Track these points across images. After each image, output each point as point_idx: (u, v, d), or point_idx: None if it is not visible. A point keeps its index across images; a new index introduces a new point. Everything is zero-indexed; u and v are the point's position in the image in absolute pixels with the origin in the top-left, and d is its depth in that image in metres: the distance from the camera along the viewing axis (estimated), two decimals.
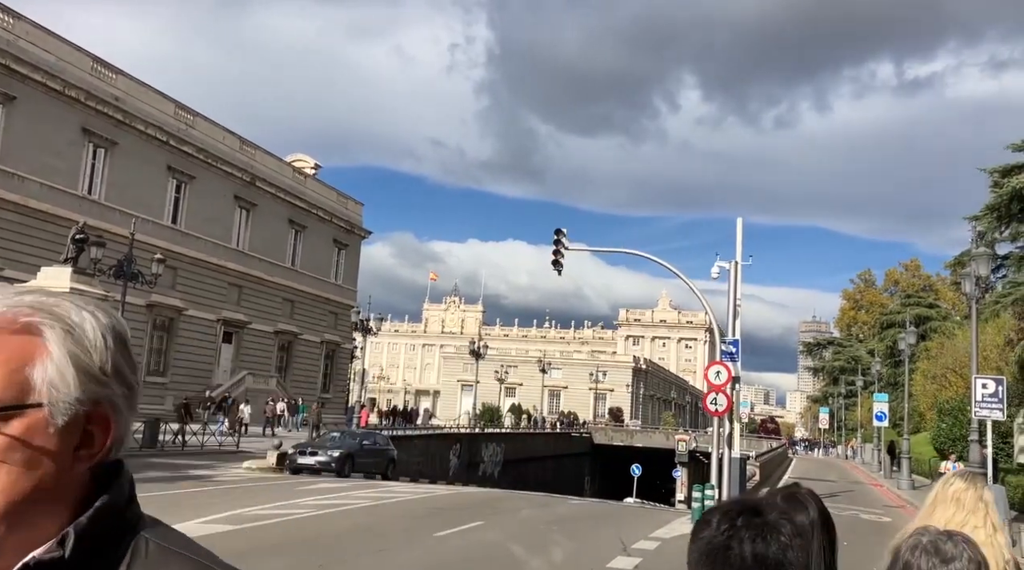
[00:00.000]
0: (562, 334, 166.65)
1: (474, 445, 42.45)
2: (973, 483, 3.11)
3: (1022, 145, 21.72)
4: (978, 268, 19.68)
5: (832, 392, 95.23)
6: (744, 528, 1.30)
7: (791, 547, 1.30)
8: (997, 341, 38.68)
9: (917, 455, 39.47)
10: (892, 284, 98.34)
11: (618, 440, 68.41)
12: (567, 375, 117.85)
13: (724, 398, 20.38)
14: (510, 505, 18.74)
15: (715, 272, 22.75)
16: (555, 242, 22.67)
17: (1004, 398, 18.95)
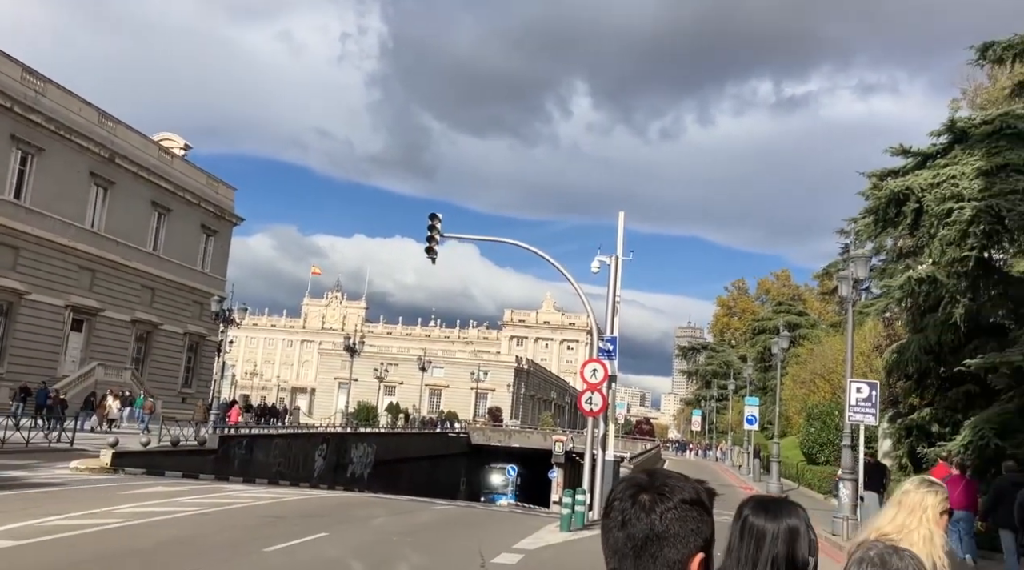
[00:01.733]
0: (447, 333, 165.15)
1: (343, 445, 40.29)
2: (919, 489, 3.35)
3: (900, 149, 21.74)
4: (856, 270, 19.43)
5: (705, 395, 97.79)
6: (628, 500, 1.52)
7: (664, 516, 1.49)
8: (863, 348, 39.71)
9: (785, 458, 40.08)
10: (764, 293, 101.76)
11: (496, 440, 67.39)
12: (449, 374, 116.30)
13: (600, 397, 19.37)
14: (365, 512, 17.05)
15: (595, 267, 21.79)
16: (430, 229, 21.14)
17: (877, 402, 18.72)
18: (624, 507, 1.54)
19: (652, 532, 1.49)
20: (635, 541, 1.50)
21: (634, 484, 1.57)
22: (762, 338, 70.97)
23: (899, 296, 21.55)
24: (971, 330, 23.03)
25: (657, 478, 1.58)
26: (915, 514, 3.27)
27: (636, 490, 1.55)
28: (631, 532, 1.50)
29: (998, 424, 18.79)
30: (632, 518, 1.51)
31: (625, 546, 1.51)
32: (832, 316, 69.58)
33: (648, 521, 1.50)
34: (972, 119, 20.70)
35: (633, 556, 1.51)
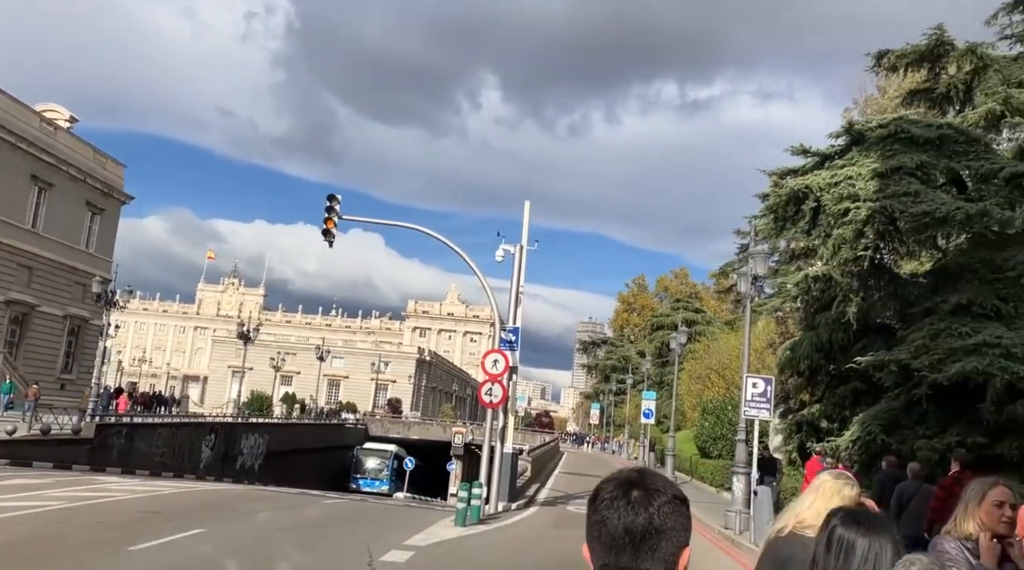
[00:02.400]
0: (348, 323, 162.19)
1: (232, 435, 38.65)
2: (837, 480, 3.50)
3: (800, 149, 22.15)
4: (755, 266, 19.64)
5: (604, 389, 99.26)
6: (620, 500, 1.59)
7: (661, 511, 1.58)
8: (757, 346, 40.75)
9: (680, 452, 40.78)
10: (663, 290, 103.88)
11: (394, 432, 66.39)
12: (349, 365, 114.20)
13: (500, 389, 18.96)
14: (249, 506, 16.08)
15: (500, 255, 21.35)
16: (327, 210, 20.21)
17: (772, 398, 18.98)
18: (619, 503, 1.60)
19: (651, 526, 1.58)
20: (634, 535, 1.57)
21: (625, 481, 1.65)
22: (660, 334, 72.35)
23: (795, 293, 21.98)
24: (860, 329, 23.74)
25: (647, 476, 1.67)
26: (832, 502, 3.31)
27: (628, 487, 1.63)
28: (630, 526, 1.58)
29: (885, 420, 19.34)
30: (630, 513, 1.59)
31: (623, 539, 1.59)
32: (727, 314, 71.57)
33: (647, 515, 1.58)
34: (869, 122, 21.26)
35: (632, 549, 1.58)
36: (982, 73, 25.74)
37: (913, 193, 18.70)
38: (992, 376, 16.49)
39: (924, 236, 19.11)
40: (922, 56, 25.15)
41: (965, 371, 16.66)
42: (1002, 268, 18.73)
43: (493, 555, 12.84)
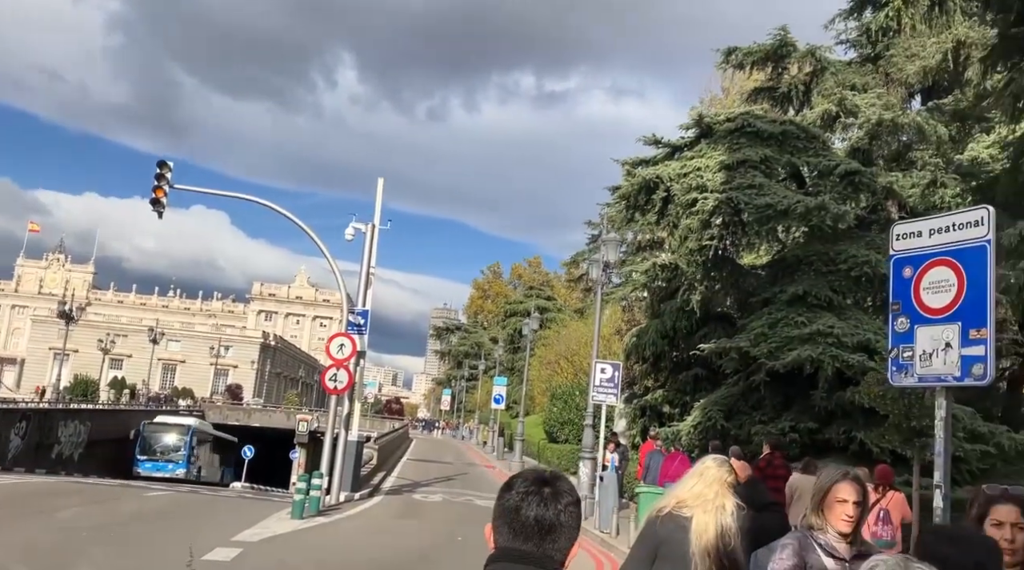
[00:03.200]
0: (188, 305, 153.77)
1: (47, 422, 35.35)
2: (721, 467, 3.67)
3: (652, 139, 22.43)
4: (607, 253, 19.69)
5: (456, 375, 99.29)
6: (534, 495, 1.86)
7: (567, 510, 1.86)
8: (604, 333, 41.55)
9: (528, 437, 41.06)
10: (516, 278, 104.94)
11: (234, 419, 63.36)
12: (187, 348, 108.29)
13: (346, 374, 18.04)
14: (53, 502, 14.38)
15: (350, 233, 20.35)
16: (157, 178, 18.46)
17: (619, 383, 19.11)
18: (533, 498, 1.86)
19: (557, 521, 1.85)
20: (543, 526, 1.84)
21: (539, 479, 1.91)
22: (513, 320, 72.94)
23: (643, 281, 22.33)
24: (703, 318, 24.46)
25: (557, 478, 1.94)
26: (713, 487, 3.55)
27: (541, 484, 1.90)
28: (540, 518, 1.85)
29: (724, 406, 19.93)
30: (542, 507, 1.85)
31: (533, 528, 1.85)
32: (577, 302, 73.06)
33: (555, 511, 1.86)
34: (717, 115, 21.80)
35: (538, 538, 1.85)
36: (820, 75, 27.06)
37: (757, 186, 19.28)
38: (824, 364, 17.25)
39: (766, 228, 19.76)
40: (767, 55, 26.14)
41: (800, 359, 17.35)
42: (835, 261, 19.66)
43: (329, 550, 12.02)
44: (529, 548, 1.84)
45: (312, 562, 10.99)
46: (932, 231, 5.14)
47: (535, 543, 1.84)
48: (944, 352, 4.83)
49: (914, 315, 5.11)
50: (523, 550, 1.84)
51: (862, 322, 18.71)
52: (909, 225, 5.46)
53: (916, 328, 5.08)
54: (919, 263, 5.17)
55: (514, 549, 1.85)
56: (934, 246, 5.10)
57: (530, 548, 1.84)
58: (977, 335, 4.66)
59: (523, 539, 1.84)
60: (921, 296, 5.06)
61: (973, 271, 4.83)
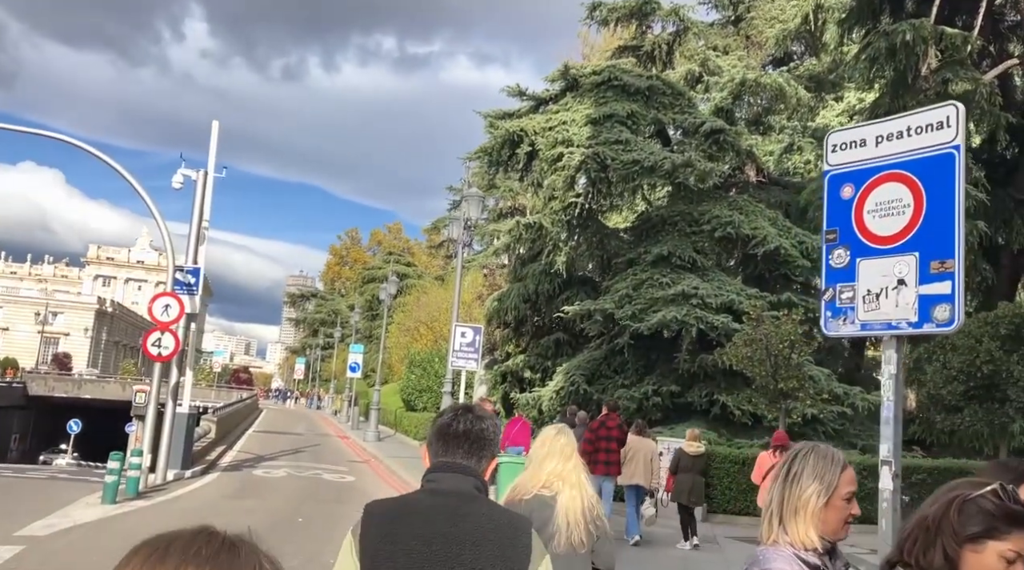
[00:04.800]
0: (14, 269, 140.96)
1: None
2: (568, 435, 3.62)
3: (517, 90, 21.29)
4: (469, 209, 18.42)
5: (311, 344, 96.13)
6: (462, 415, 2.30)
7: (488, 429, 2.30)
8: (465, 298, 40.53)
9: (385, 406, 39.60)
10: (376, 244, 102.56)
11: (61, 391, 58.13)
12: (10, 315, 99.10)
13: (172, 339, 15.96)
14: None
15: (178, 181, 18.06)
16: None
17: (480, 348, 17.98)
18: (462, 418, 2.30)
19: (483, 434, 2.28)
20: (470, 437, 2.27)
21: (463, 407, 2.39)
22: (371, 287, 70.83)
23: (506, 241, 21.26)
24: (565, 281, 23.78)
25: (473, 407, 2.42)
26: (570, 461, 3.50)
27: (467, 409, 2.37)
28: (468, 430, 2.27)
29: (587, 370, 19.28)
30: (469, 423, 2.28)
31: (462, 440, 2.26)
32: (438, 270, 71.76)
33: (481, 427, 2.28)
34: (584, 67, 20.90)
35: (466, 448, 2.26)
36: (683, 35, 26.72)
37: (624, 141, 18.55)
38: (690, 326, 16.81)
39: (632, 185, 19.12)
40: (631, 12, 25.53)
41: (665, 320, 16.84)
42: (699, 221, 19.30)
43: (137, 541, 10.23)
44: (460, 458, 2.24)
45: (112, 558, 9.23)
46: (880, 138, 4.13)
47: (464, 453, 2.25)
48: (896, 292, 3.86)
49: (856, 245, 4.09)
50: (454, 461, 2.24)
51: (725, 283, 18.45)
52: (850, 132, 4.42)
53: (858, 262, 4.07)
54: (862, 179, 4.15)
55: (446, 461, 2.25)
56: (883, 158, 4.11)
57: (461, 458, 2.24)
58: (940, 268, 3.69)
59: (454, 451, 2.26)
60: (865, 221, 4.06)
61: (936, 186, 3.85)
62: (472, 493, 2.17)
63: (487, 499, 2.25)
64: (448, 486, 2.16)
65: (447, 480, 2.18)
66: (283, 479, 19.18)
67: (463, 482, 2.18)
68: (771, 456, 10.87)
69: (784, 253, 18.83)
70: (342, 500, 16.34)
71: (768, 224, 19.40)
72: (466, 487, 2.17)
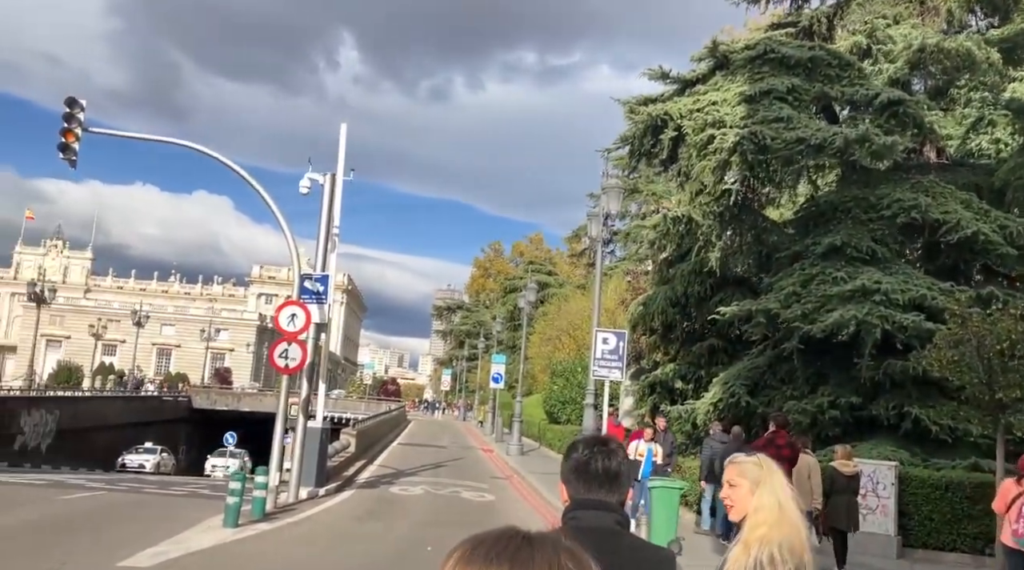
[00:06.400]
0: (188, 289, 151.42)
1: (6, 412, 32.74)
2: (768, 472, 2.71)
3: (660, 73, 19.41)
4: (609, 203, 16.73)
5: (458, 355, 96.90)
6: (598, 452, 2.25)
7: (623, 462, 2.28)
8: (607, 305, 38.72)
9: (528, 417, 38.36)
10: (518, 255, 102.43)
11: (222, 404, 60.72)
12: (181, 333, 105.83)
13: (299, 350, 15.20)
14: None
15: (305, 185, 17.45)
16: (66, 118, 15.50)
17: (624, 355, 16.22)
18: (599, 454, 2.26)
19: (620, 470, 2.25)
20: (609, 474, 2.23)
21: (598, 439, 2.36)
22: (513, 296, 70.14)
23: (652, 237, 19.35)
24: (718, 282, 21.56)
25: (610, 440, 2.39)
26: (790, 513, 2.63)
27: (602, 443, 2.33)
28: (607, 468, 2.23)
29: (749, 380, 17.07)
30: (607, 460, 2.24)
31: (602, 478, 2.23)
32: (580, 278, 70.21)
33: (617, 462, 2.25)
34: (735, 43, 18.74)
35: (607, 486, 2.23)
36: (845, 7, 23.94)
37: (784, 119, 16.31)
38: (872, 327, 14.35)
39: (795, 168, 16.81)
40: None
41: (843, 320, 14.45)
42: (876, 207, 16.72)
43: None
44: (602, 495, 2.22)
45: None
46: None
47: (606, 491, 2.22)
48: None
49: None
50: (594, 498, 2.22)
51: (912, 276, 15.79)
52: None
53: None
54: None
55: (587, 499, 2.23)
56: None
57: (603, 495, 2.22)
58: None
59: (595, 489, 2.22)
60: None
61: None
62: (615, 528, 2.20)
63: (631, 534, 2.29)
64: (591, 523, 2.17)
65: (589, 518, 2.19)
66: (419, 498, 18.12)
67: (605, 518, 2.20)
68: (1015, 485, 8.73)
69: (984, 240, 15.95)
70: (481, 523, 14.92)
71: (961, 207, 16.56)
72: (608, 523, 2.19)
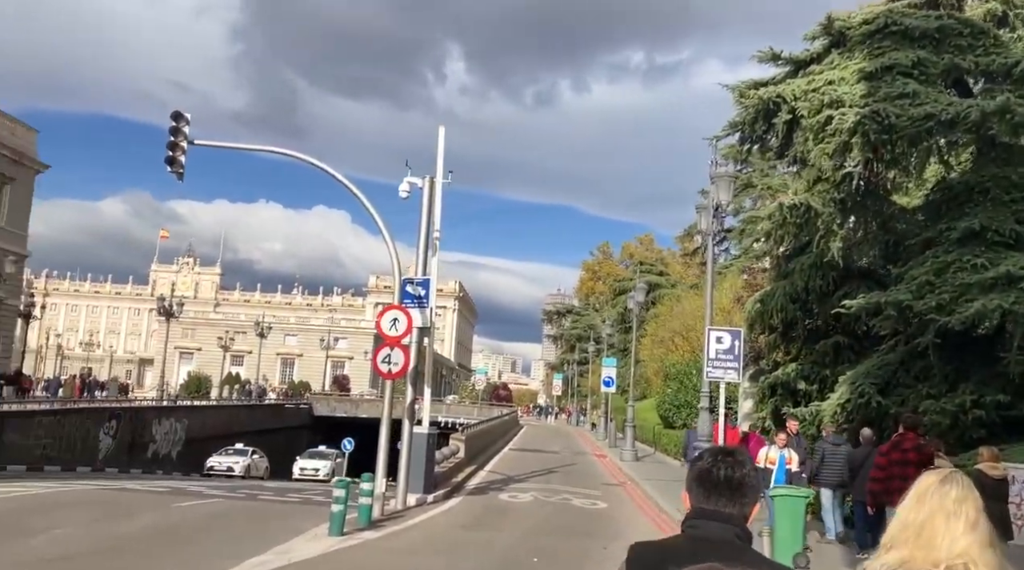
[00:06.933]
0: (309, 301, 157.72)
1: (140, 421, 34.41)
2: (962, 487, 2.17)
3: (770, 54, 18.30)
4: (719, 193, 15.81)
5: (569, 359, 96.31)
6: (721, 461, 2.15)
7: (749, 474, 2.16)
8: (723, 304, 37.25)
9: (642, 422, 37.37)
10: (628, 257, 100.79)
11: (341, 411, 62.30)
12: (303, 343, 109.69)
13: (401, 355, 15.02)
14: (45, 520, 11.93)
15: (404, 190, 17.34)
16: (172, 132, 15.95)
17: (740, 355, 15.25)
18: (723, 463, 2.16)
19: (745, 481, 2.14)
20: (731, 484, 2.12)
21: (722, 451, 2.25)
22: (623, 299, 68.86)
23: (767, 229, 18.22)
24: (842, 275, 20.17)
25: (734, 451, 2.27)
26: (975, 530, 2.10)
27: (725, 454, 2.21)
28: (729, 477, 2.13)
29: (879, 379, 15.75)
30: (731, 469, 2.14)
31: (724, 487, 2.13)
32: (693, 278, 68.28)
33: (742, 473, 2.15)
34: (852, 17, 17.42)
35: (728, 495, 2.12)
36: None
37: (910, 94, 14.98)
38: (1020, 317, 12.91)
39: (925, 146, 15.40)
40: None
41: (986, 311, 13.06)
42: (1020, 185, 15.13)
43: None
44: (720, 506, 2.11)
45: None
46: None
47: (727, 500, 2.11)
48: None
49: None
50: (715, 509, 2.12)
51: None
52: None
53: None
54: None
55: (707, 508, 2.13)
56: None
57: (721, 506, 2.11)
58: None
59: (715, 498, 2.12)
60: None
61: None
62: (734, 542, 2.09)
63: (751, 549, 2.17)
64: (709, 533, 2.10)
65: (709, 528, 2.11)
66: (528, 504, 17.65)
67: (725, 531, 2.11)
68: None
69: None
70: (591, 533, 14.35)
71: None
72: (728, 536, 2.10)
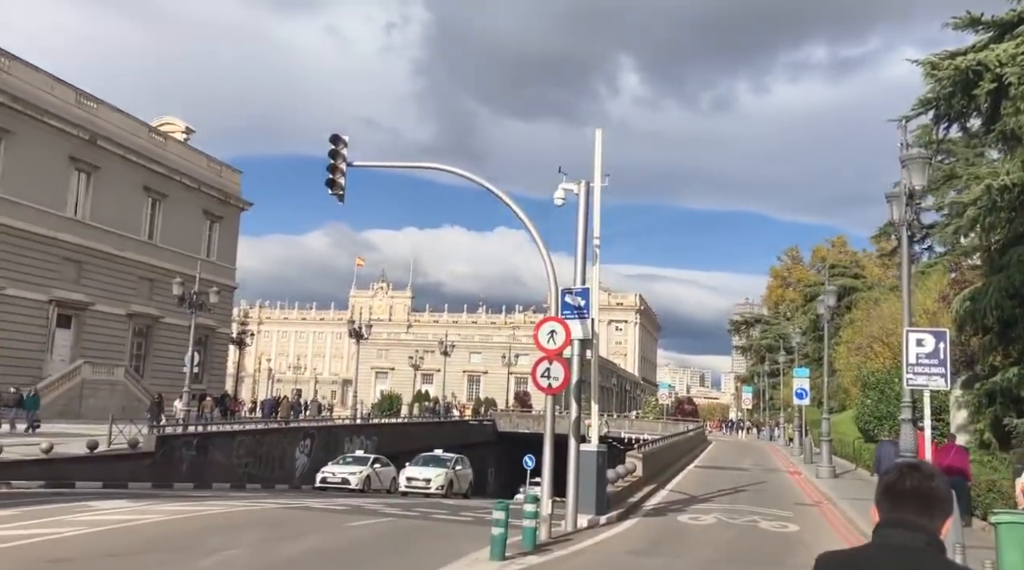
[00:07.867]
0: (493, 319, 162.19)
1: (333, 439, 35.93)
2: None
3: (969, 19, 16.10)
4: (911, 178, 13.95)
5: (759, 371, 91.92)
6: (909, 473, 2.19)
7: (939, 486, 2.18)
8: (927, 305, 33.74)
9: (841, 436, 34.47)
10: (819, 261, 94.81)
11: (523, 427, 62.57)
12: (487, 360, 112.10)
13: (560, 369, 14.36)
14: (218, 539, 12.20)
15: (559, 197, 16.73)
16: (331, 155, 16.26)
17: (947, 359, 13.27)
18: (911, 475, 2.20)
19: (934, 493, 2.16)
20: (919, 495, 2.15)
21: (911, 464, 2.26)
22: (814, 305, 64.75)
23: (973, 215, 15.98)
24: None
25: (923, 464, 2.28)
26: None
27: (914, 467, 2.24)
28: (917, 487, 2.16)
29: None
30: (919, 480, 2.18)
31: (911, 498, 2.16)
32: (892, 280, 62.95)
33: (932, 485, 2.17)
34: None
35: (916, 507, 2.14)
36: None
37: None
38: None
39: None
40: None
41: None
42: None
43: None
44: (909, 517, 2.12)
45: None
46: None
47: (913, 511, 2.13)
48: None
49: None
50: (902, 518, 2.13)
51: None
52: None
53: None
54: None
55: (895, 518, 2.15)
56: None
57: (910, 517, 2.12)
58: None
59: (902, 508, 2.14)
60: None
61: None
62: (924, 549, 2.11)
63: (943, 558, 2.14)
64: (899, 541, 2.12)
65: (897, 536, 2.13)
66: (710, 527, 16.37)
67: (914, 538, 2.12)
68: None
69: None
70: (780, 562, 12.97)
71: None
72: (918, 543, 2.11)
